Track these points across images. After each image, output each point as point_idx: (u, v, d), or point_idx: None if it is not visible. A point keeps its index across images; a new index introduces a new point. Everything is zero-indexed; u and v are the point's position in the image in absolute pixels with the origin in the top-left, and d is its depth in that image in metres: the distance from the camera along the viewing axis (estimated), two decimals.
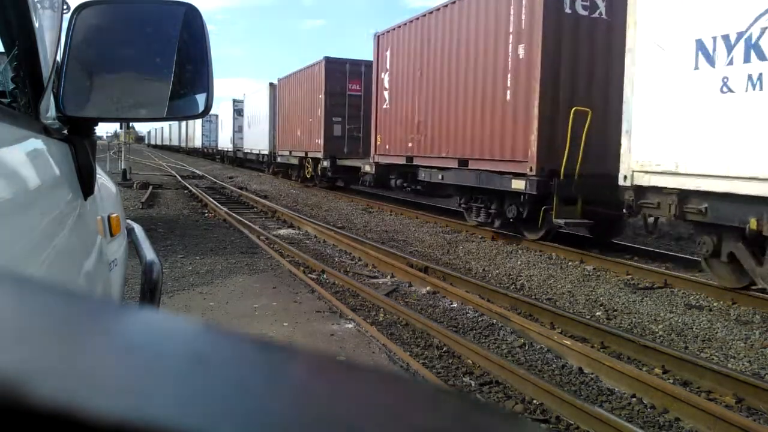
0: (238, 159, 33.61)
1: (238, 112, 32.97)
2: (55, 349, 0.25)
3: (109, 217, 1.58)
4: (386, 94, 13.91)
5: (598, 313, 5.94)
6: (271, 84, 25.41)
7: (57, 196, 1.01)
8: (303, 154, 20.48)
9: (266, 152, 25.72)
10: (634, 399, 4.00)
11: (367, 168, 15.07)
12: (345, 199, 16.40)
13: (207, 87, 1.29)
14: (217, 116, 39.55)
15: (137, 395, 0.22)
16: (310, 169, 20.15)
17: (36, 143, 1.03)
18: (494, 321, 5.62)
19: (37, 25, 1.11)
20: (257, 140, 27.05)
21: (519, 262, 8.27)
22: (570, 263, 8.18)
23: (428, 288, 6.79)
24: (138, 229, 2.01)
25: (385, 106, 13.96)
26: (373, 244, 9.26)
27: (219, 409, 0.22)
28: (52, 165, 1.05)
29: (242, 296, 6.26)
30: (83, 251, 1.10)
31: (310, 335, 5.08)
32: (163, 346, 0.27)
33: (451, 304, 6.27)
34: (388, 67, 13.83)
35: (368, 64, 16.79)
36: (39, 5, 1.21)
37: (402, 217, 13.00)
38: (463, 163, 10.62)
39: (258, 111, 27.05)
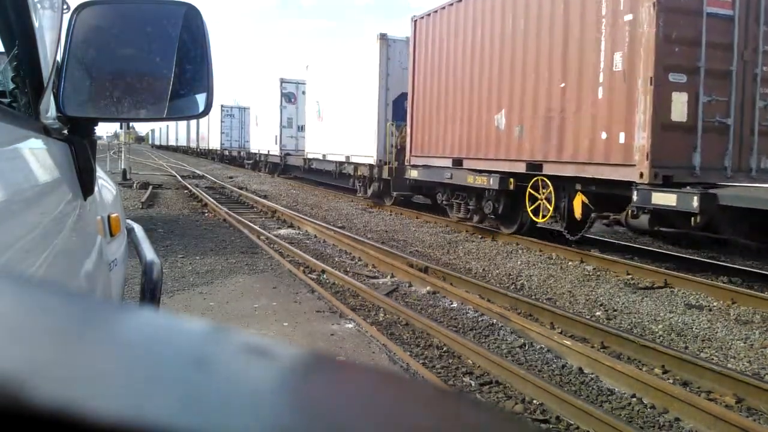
0: (287, 168, 23.29)
1: (288, 97, 22.52)
2: (54, 350, 0.25)
3: (109, 217, 1.58)
4: None
5: (598, 313, 5.94)
6: (382, 36, 14.29)
7: (57, 196, 1.00)
8: (522, 170, 9.28)
9: (369, 161, 14.82)
10: (634, 399, 4.00)
11: None
12: (345, 199, 16.39)
13: (207, 87, 1.29)
14: (244, 110, 31.39)
15: (137, 396, 0.22)
16: (548, 205, 8.91)
17: (36, 143, 1.03)
18: (494, 321, 5.62)
19: (37, 25, 1.11)
20: (341, 141, 16.44)
21: (519, 262, 8.27)
22: (570, 263, 8.17)
23: (428, 288, 6.79)
24: (138, 229, 2.01)
25: None
26: (373, 244, 9.26)
27: (218, 411, 0.22)
28: (52, 165, 1.05)
29: (242, 296, 6.26)
30: (83, 251, 1.10)
31: (310, 335, 5.08)
32: (164, 347, 0.27)
33: (451, 304, 6.27)
34: None
35: None
36: (39, 5, 1.21)
37: (402, 217, 12.99)
38: None
39: (346, 90, 16.23)
